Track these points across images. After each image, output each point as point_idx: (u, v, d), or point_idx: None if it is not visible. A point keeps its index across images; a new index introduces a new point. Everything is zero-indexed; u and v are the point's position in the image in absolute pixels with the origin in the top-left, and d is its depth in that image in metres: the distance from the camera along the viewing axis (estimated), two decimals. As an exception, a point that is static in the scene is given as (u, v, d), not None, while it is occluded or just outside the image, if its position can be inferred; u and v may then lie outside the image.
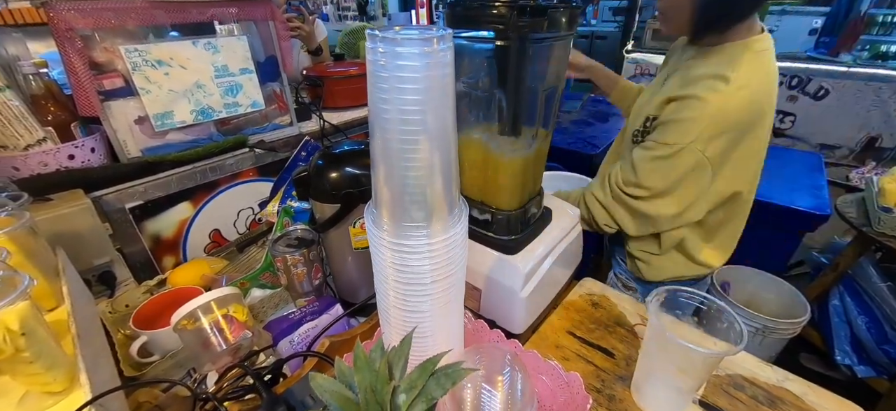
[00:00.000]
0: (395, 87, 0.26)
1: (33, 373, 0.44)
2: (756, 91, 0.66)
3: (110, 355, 0.64)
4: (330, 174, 0.68)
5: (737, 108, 0.65)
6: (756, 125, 0.69)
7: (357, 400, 0.23)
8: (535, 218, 0.56)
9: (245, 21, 1.03)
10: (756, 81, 0.66)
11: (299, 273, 0.76)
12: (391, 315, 0.34)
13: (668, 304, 0.44)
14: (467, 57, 0.43)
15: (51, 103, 0.83)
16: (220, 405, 0.44)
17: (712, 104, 0.64)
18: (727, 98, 0.64)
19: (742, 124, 0.67)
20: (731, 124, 0.65)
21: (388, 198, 0.31)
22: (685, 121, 0.66)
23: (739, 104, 0.65)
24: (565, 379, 0.43)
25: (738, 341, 0.38)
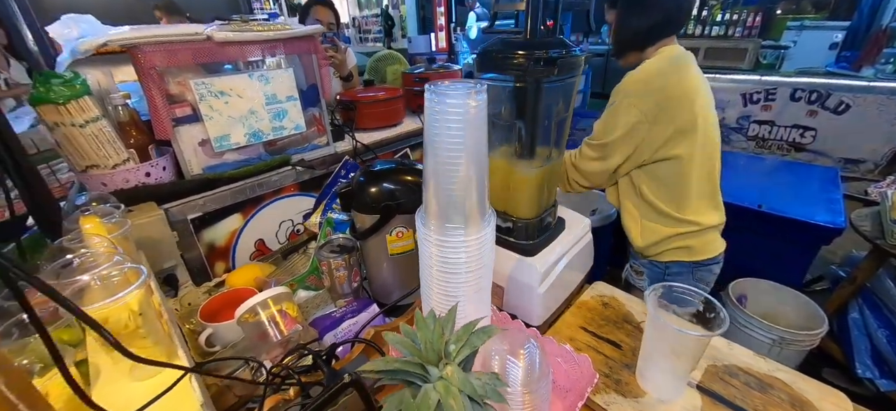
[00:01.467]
0: (444, 124, 0.36)
1: (144, 347, 0.55)
2: (663, 69, 0.90)
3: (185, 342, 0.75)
4: (371, 189, 0.79)
5: (647, 76, 0.90)
6: (678, 100, 0.89)
7: (420, 348, 0.32)
8: (551, 226, 0.64)
9: (291, 55, 1.17)
10: (662, 65, 0.91)
11: (341, 276, 0.86)
12: (433, 298, 0.43)
13: (665, 299, 0.51)
14: (494, 94, 0.53)
15: (133, 129, 0.97)
16: (294, 374, 0.54)
17: (632, 77, 0.92)
18: (640, 72, 0.91)
19: (659, 91, 0.88)
20: (651, 88, 0.88)
21: (435, 206, 0.40)
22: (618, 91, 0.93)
23: (649, 75, 0.90)
24: (576, 360, 0.50)
25: (720, 326, 0.46)
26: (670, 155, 0.91)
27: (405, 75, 1.71)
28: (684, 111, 0.89)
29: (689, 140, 0.90)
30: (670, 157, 0.91)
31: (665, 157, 0.92)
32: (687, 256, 1.01)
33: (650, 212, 1.00)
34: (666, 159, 0.92)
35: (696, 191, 0.96)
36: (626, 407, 0.51)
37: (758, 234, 1.47)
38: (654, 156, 0.92)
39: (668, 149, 0.91)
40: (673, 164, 0.92)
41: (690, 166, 0.92)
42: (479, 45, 0.97)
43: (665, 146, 0.90)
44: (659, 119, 0.88)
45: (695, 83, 0.92)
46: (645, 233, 1.03)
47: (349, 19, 5.93)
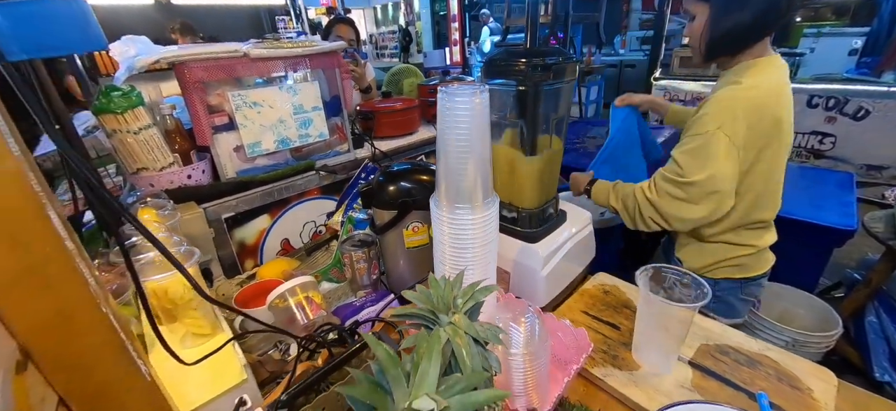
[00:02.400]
0: (453, 120, 0.43)
1: (193, 318, 0.63)
2: (765, 93, 0.78)
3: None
4: (389, 187, 0.86)
5: (747, 99, 0.77)
6: (774, 132, 0.80)
7: (433, 300, 0.38)
8: (553, 217, 0.70)
9: (316, 69, 1.27)
10: (765, 85, 0.79)
11: (361, 268, 0.94)
12: (445, 272, 0.50)
13: (655, 280, 0.56)
14: (499, 97, 0.61)
15: (177, 136, 1.08)
16: (325, 342, 0.61)
17: (726, 97, 0.78)
18: (737, 92, 0.78)
19: (758, 117, 0.77)
20: (747, 110, 0.77)
21: (446, 190, 0.47)
22: (706, 114, 0.79)
23: (750, 97, 0.77)
24: (574, 334, 0.56)
25: (703, 300, 0.51)
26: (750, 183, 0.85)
27: (421, 87, 1.80)
28: (769, 141, 0.81)
29: (770, 165, 0.84)
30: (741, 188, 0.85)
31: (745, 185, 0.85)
32: (739, 273, 0.97)
33: (708, 234, 0.94)
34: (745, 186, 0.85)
35: (757, 217, 0.91)
36: (622, 379, 0.56)
37: (770, 237, 1.48)
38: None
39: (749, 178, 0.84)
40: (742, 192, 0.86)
41: (758, 193, 0.87)
42: (491, 58, 0.98)
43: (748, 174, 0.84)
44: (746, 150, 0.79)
45: (787, 110, 0.84)
46: (703, 254, 0.97)
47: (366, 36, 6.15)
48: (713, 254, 0.95)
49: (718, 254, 0.95)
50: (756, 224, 0.92)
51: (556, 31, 2.40)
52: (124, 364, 0.35)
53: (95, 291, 0.33)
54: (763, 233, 0.95)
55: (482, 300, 0.39)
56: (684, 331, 0.54)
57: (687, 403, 0.49)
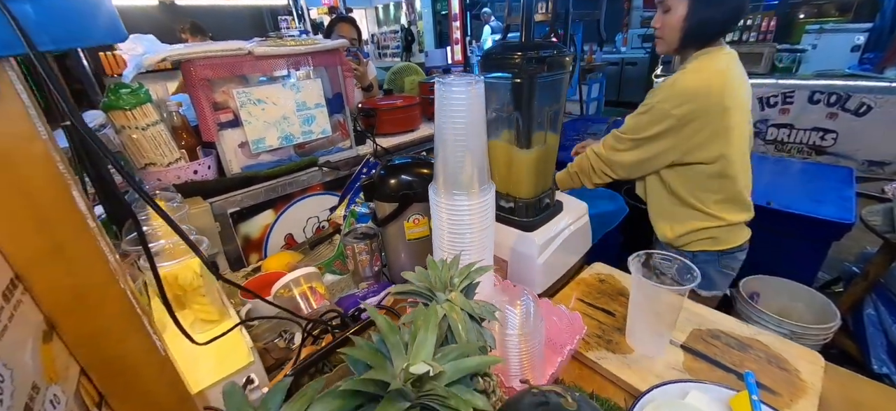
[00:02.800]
0: (450, 109, 0.45)
1: (202, 304, 0.65)
2: (709, 78, 0.92)
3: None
4: (390, 180, 0.88)
5: (692, 83, 0.92)
6: (721, 110, 0.92)
7: (431, 280, 0.40)
8: (549, 206, 0.72)
9: (319, 67, 1.29)
10: (709, 73, 0.93)
11: (363, 260, 0.96)
12: (445, 255, 0.52)
13: (647, 266, 0.58)
14: (496, 90, 0.63)
15: (184, 132, 1.11)
16: (329, 325, 0.63)
17: (675, 81, 0.94)
18: (685, 75, 0.94)
19: (703, 99, 0.91)
20: (691, 95, 0.91)
21: (444, 177, 0.49)
22: (656, 90, 0.96)
23: (694, 81, 0.92)
24: (568, 318, 0.58)
25: (691, 282, 0.52)
26: (700, 159, 0.97)
27: (422, 85, 1.82)
28: (721, 120, 0.93)
29: (719, 145, 0.96)
30: (700, 162, 0.98)
31: (695, 162, 0.98)
32: (712, 246, 1.07)
33: (679, 207, 1.06)
34: (696, 163, 0.98)
35: (722, 193, 1.02)
36: (615, 362, 0.58)
37: (769, 232, 1.49)
38: (683, 158, 0.98)
39: (698, 155, 0.97)
40: (703, 167, 0.98)
41: (719, 169, 0.98)
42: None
43: (696, 151, 0.96)
44: (694, 126, 0.93)
45: (738, 93, 0.97)
46: (674, 226, 1.09)
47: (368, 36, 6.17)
48: (683, 225, 1.07)
49: (688, 225, 1.07)
50: (723, 200, 1.04)
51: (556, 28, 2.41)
52: (141, 338, 0.38)
53: (115, 268, 0.35)
54: (731, 209, 1.05)
55: (478, 280, 0.41)
56: (675, 315, 0.56)
57: (676, 382, 0.51)
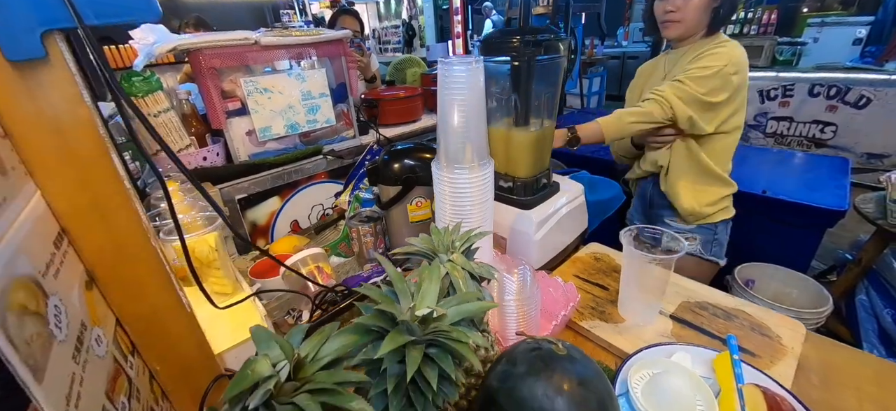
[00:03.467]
0: (451, 87, 0.48)
1: (217, 277, 0.69)
2: (741, 52, 1.02)
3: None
4: (394, 164, 0.92)
5: (739, 53, 1.00)
6: (744, 84, 1.03)
7: (434, 244, 0.44)
8: (546, 186, 0.75)
9: (323, 58, 1.32)
10: (739, 48, 1.02)
11: (368, 242, 0.99)
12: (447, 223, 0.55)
13: (638, 240, 0.61)
14: (495, 74, 0.66)
15: (193, 120, 1.14)
16: (337, 296, 0.67)
17: (730, 50, 1.00)
18: (734, 48, 1.01)
19: (744, 71, 1.01)
20: (742, 64, 1.00)
21: (446, 152, 0.53)
22: (713, 55, 0.99)
23: (739, 52, 1.00)
24: (563, 288, 0.61)
25: (678, 252, 0.56)
26: (733, 126, 1.07)
27: (424, 76, 1.85)
28: (744, 93, 1.05)
29: (743, 115, 1.08)
30: (732, 130, 1.07)
31: (729, 130, 1.07)
32: (727, 214, 1.16)
33: (707, 177, 1.11)
34: (729, 131, 1.07)
35: (732, 162, 1.14)
36: (607, 330, 0.61)
37: (764, 219, 1.52)
38: (722, 127, 1.05)
39: (733, 122, 1.06)
40: (727, 137, 1.08)
41: (735, 139, 1.10)
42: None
43: (732, 119, 1.06)
44: (742, 96, 1.03)
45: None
46: (699, 197, 1.13)
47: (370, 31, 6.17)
48: (708, 194, 1.12)
49: (713, 194, 1.12)
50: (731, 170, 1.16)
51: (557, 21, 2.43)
52: (170, 293, 0.41)
53: (147, 227, 0.38)
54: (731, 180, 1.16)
55: (478, 245, 0.44)
56: (663, 284, 0.59)
57: (663, 344, 0.54)
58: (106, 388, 0.32)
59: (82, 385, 0.28)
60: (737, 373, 0.48)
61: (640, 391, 0.47)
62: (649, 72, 1.27)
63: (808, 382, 0.53)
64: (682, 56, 1.09)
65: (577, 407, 0.32)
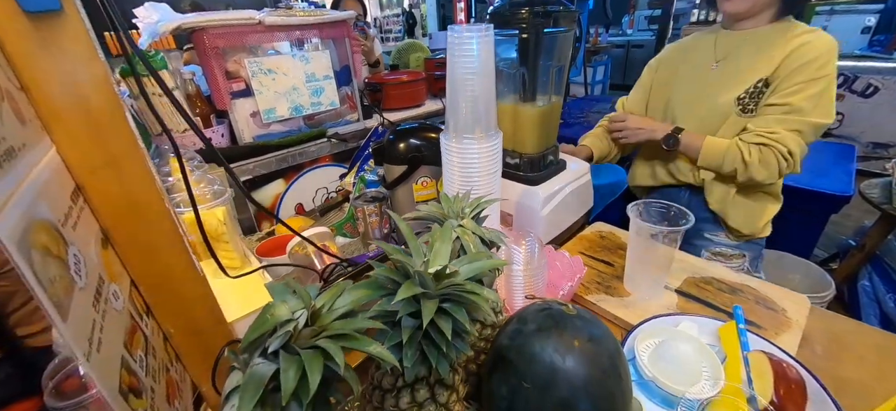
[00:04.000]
0: (462, 55, 0.48)
1: (226, 251, 0.69)
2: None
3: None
4: (400, 144, 0.92)
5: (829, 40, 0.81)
6: None
7: (444, 210, 0.44)
8: (553, 163, 0.75)
9: (327, 39, 1.32)
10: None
11: (373, 222, 1.00)
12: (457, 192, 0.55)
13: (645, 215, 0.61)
14: (503, 47, 0.65)
15: (198, 100, 1.14)
16: (342, 262, 0.67)
17: (825, 42, 0.80)
18: (818, 36, 0.81)
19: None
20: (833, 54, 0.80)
21: (455, 122, 0.53)
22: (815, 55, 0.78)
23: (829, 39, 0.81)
24: (570, 262, 0.61)
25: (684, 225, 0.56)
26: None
27: (427, 61, 1.84)
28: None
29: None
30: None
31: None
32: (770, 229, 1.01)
33: (763, 194, 0.95)
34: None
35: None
36: (613, 304, 0.62)
37: (767, 206, 1.52)
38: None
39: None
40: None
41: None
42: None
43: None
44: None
45: None
46: (755, 215, 0.96)
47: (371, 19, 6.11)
48: (765, 212, 0.97)
49: (769, 212, 0.97)
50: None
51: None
52: (182, 255, 0.42)
53: (160, 188, 0.39)
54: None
55: (487, 212, 0.44)
56: (670, 258, 0.59)
57: (669, 315, 0.54)
58: (124, 340, 0.33)
59: (102, 332, 0.29)
60: (742, 342, 0.48)
61: (647, 357, 0.47)
62: (686, 53, 1.02)
63: (812, 352, 0.53)
64: (743, 43, 0.88)
65: (587, 363, 0.33)
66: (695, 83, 0.97)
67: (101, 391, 0.26)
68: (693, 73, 0.98)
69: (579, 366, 0.33)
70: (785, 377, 0.42)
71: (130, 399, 0.30)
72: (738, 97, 0.87)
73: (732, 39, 0.91)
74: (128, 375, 0.31)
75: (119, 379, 0.29)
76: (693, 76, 0.98)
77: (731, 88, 0.89)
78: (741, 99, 0.87)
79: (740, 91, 0.87)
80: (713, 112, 0.91)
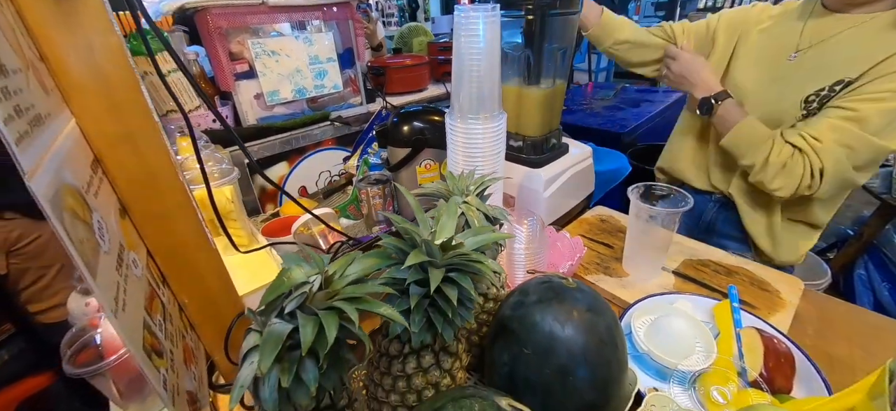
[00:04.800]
0: (468, 34, 0.49)
1: (234, 228, 0.71)
2: None
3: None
4: (404, 127, 0.92)
5: None
6: None
7: (451, 189, 0.45)
8: (555, 147, 0.76)
9: (330, 21, 1.31)
10: None
11: (376, 204, 1.01)
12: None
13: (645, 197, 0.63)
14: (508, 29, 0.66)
15: (201, 82, 1.14)
16: (348, 240, 0.69)
17: None
18: None
19: None
20: None
21: (460, 104, 0.53)
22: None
23: None
24: (570, 242, 0.63)
25: (683, 206, 0.57)
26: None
27: (430, 45, 1.83)
28: None
29: None
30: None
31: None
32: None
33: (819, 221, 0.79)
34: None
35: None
36: (612, 284, 0.64)
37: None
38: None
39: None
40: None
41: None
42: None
43: None
44: None
45: None
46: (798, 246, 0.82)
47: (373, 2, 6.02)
48: (808, 243, 0.83)
49: (811, 241, 0.82)
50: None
51: None
52: (196, 227, 0.43)
53: (175, 161, 0.40)
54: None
55: (491, 190, 0.45)
56: (668, 240, 0.61)
57: (665, 294, 0.56)
58: (144, 304, 0.34)
59: (126, 294, 0.30)
60: (735, 319, 0.50)
61: (643, 332, 0.49)
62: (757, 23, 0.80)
63: (803, 332, 0.55)
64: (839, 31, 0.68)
65: (585, 332, 0.35)
66: (761, 70, 0.76)
67: (128, 347, 0.27)
68: (763, 55, 0.77)
69: (578, 335, 0.34)
70: (775, 351, 0.44)
71: (153, 358, 0.31)
72: (807, 98, 0.69)
73: (826, 25, 0.70)
74: (150, 336, 0.32)
75: (143, 338, 0.31)
76: (762, 59, 0.77)
77: (803, 87, 0.70)
78: (809, 101, 0.68)
79: (811, 91, 0.68)
80: (772, 115, 0.72)
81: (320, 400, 0.31)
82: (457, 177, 0.47)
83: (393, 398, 0.38)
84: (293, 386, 0.26)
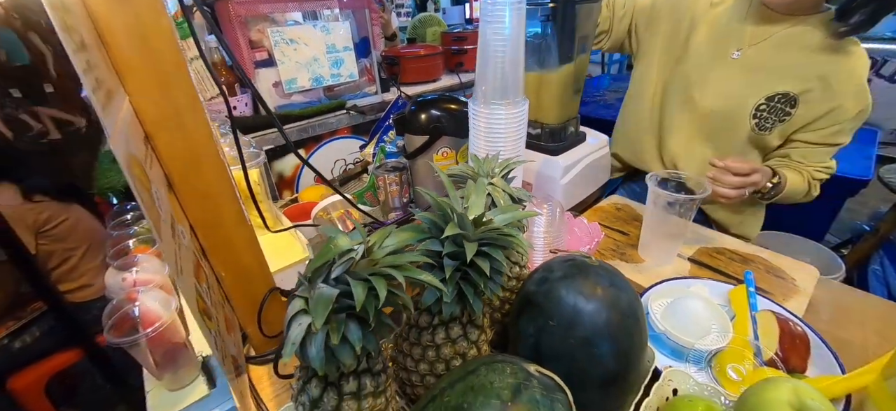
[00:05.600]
0: (494, 21, 0.50)
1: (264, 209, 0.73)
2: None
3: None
4: (421, 115, 0.94)
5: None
6: None
7: (474, 170, 0.47)
8: (573, 134, 0.77)
9: (346, 9, 1.32)
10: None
11: (393, 191, 1.03)
12: (480, 161, 0.58)
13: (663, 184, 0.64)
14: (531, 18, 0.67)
15: (222, 69, 1.17)
16: (371, 223, 0.71)
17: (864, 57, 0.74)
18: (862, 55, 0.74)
19: None
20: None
21: (484, 89, 0.55)
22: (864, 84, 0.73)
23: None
24: (588, 228, 0.64)
25: (700, 193, 0.58)
26: None
27: (444, 35, 1.83)
28: None
29: None
30: None
31: None
32: None
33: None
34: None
35: None
36: (627, 269, 0.65)
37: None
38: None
39: None
40: None
41: None
42: None
43: None
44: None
45: None
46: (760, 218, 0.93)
47: (384, -8, 5.99)
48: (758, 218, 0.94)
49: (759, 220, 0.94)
50: None
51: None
52: (234, 205, 0.45)
53: (217, 141, 0.42)
54: None
55: (514, 173, 0.47)
56: (684, 227, 0.62)
57: (682, 279, 0.57)
58: (194, 271, 0.37)
59: (181, 260, 0.33)
60: (751, 303, 0.51)
61: (660, 314, 0.50)
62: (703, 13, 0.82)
63: (818, 318, 0.56)
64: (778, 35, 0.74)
65: (609, 306, 0.36)
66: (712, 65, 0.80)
67: (186, 307, 0.30)
68: (711, 50, 0.81)
69: (601, 309, 0.36)
70: (790, 333, 0.45)
71: (205, 319, 0.34)
72: (757, 107, 0.76)
73: (766, 29, 0.75)
74: (201, 300, 0.35)
75: (196, 300, 0.33)
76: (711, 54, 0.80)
77: (753, 91, 0.76)
78: (759, 110, 0.76)
79: (760, 98, 0.75)
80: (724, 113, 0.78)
81: (360, 362, 0.33)
82: (482, 161, 0.48)
83: (422, 367, 0.40)
84: (340, 345, 0.28)
